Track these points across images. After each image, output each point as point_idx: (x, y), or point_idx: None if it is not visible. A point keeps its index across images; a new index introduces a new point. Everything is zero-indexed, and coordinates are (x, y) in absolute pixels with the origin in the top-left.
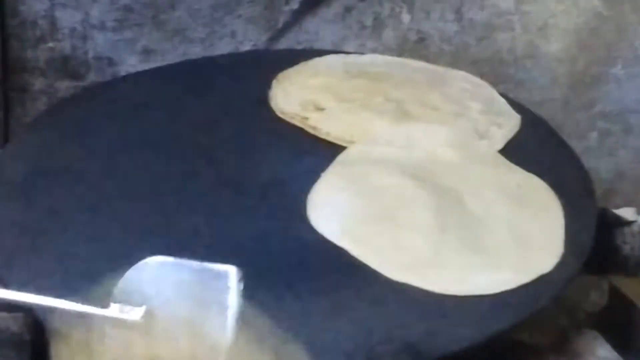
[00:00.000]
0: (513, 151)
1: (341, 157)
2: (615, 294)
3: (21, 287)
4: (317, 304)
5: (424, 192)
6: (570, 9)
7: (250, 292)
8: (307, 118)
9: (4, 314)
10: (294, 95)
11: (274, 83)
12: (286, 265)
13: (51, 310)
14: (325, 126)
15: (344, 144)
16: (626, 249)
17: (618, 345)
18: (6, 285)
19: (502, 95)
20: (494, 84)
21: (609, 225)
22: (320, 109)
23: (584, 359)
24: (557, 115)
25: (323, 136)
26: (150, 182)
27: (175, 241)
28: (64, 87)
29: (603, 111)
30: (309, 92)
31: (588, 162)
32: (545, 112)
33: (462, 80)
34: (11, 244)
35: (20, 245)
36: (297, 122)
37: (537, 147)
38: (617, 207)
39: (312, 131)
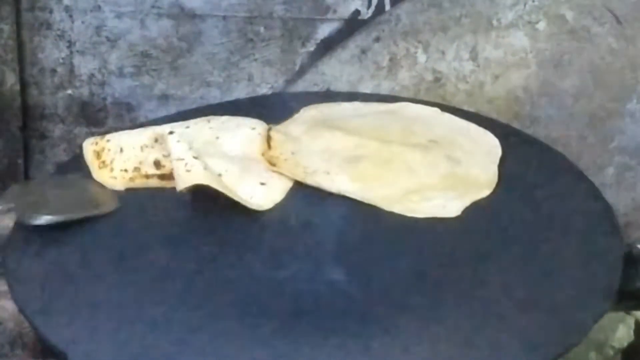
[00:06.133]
0: (530, 188)
1: None
2: None
3: (56, 333)
4: (349, 346)
5: None
6: (585, 46)
7: (281, 333)
8: None
9: None
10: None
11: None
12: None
13: None
14: None
15: None
16: None
17: None
18: (40, 332)
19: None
20: (510, 121)
21: (633, 260)
22: None
23: None
24: (574, 151)
25: None
26: (180, 227)
27: (204, 283)
28: (83, 133)
29: (620, 146)
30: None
31: (606, 197)
32: (562, 148)
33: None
34: (42, 292)
35: (52, 292)
36: None
37: (557, 184)
38: (636, 241)
39: None
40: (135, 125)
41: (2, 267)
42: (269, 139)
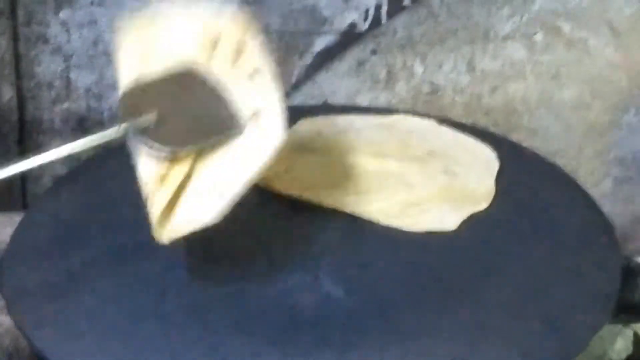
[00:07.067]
0: (527, 200)
1: None
2: None
3: (51, 348)
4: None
5: None
6: (582, 57)
7: (278, 345)
8: None
9: None
10: None
11: None
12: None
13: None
14: None
15: None
16: None
17: None
18: (37, 347)
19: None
20: (507, 133)
21: (632, 273)
22: None
23: None
24: (572, 162)
25: None
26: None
27: (201, 296)
28: None
29: (618, 158)
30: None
31: (603, 208)
32: (560, 160)
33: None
34: (39, 307)
35: (48, 307)
36: None
37: (554, 196)
38: (634, 253)
39: None
40: None
41: None
42: None
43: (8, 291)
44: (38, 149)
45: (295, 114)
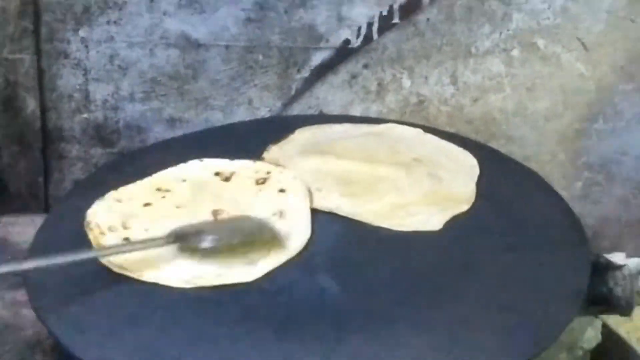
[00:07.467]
0: (505, 202)
1: None
2: (609, 333)
3: (72, 340)
4: (337, 351)
5: None
6: (555, 71)
7: (277, 338)
8: None
9: None
10: None
11: None
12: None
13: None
14: None
15: None
16: (617, 291)
17: None
18: (58, 338)
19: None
20: (487, 140)
21: (600, 268)
22: None
23: None
24: (546, 167)
25: None
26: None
27: (206, 294)
28: (98, 153)
29: (587, 162)
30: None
31: (575, 209)
32: (535, 165)
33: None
34: (60, 300)
35: (68, 301)
36: None
37: (529, 199)
38: (603, 250)
39: None
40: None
41: (22, 278)
42: None
43: (31, 286)
44: (59, 155)
45: (293, 123)
